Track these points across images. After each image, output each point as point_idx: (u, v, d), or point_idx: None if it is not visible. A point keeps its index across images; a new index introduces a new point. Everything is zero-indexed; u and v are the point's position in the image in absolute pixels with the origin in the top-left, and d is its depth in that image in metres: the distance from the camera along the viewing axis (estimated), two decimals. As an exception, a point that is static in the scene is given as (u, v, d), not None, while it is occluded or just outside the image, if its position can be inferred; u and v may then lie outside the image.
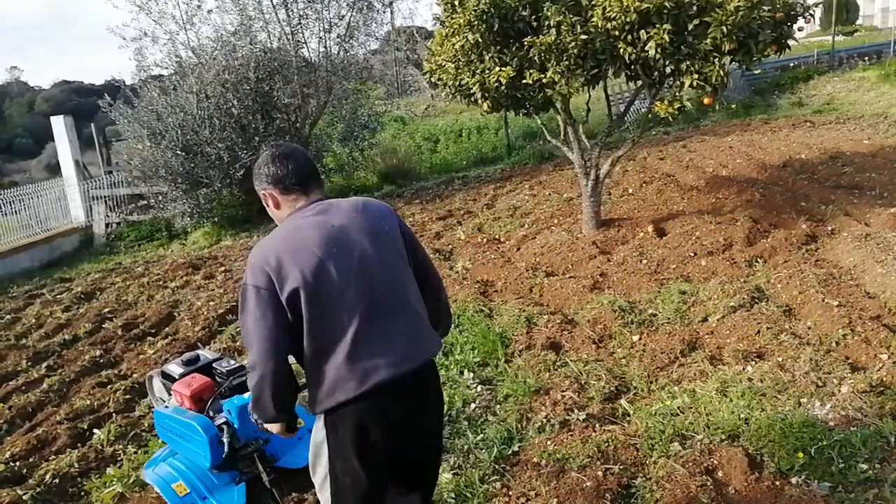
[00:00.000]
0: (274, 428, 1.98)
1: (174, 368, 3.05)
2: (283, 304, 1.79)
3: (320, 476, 1.95)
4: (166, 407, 2.94)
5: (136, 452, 3.68)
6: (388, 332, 1.86)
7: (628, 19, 4.81)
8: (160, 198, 10.88)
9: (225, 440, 2.59)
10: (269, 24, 11.62)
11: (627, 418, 3.31)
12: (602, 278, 5.35)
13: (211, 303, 6.36)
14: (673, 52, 4.93)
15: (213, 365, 3.05)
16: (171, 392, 2.93)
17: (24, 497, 3.34)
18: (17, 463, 3.76)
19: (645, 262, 5.54)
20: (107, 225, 12.46)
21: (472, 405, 3.62)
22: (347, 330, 1.81)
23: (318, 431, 1.91)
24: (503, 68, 5.35)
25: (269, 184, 1.96)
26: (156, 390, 3.20)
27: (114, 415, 4.24)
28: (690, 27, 4.83)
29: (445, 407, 3.51)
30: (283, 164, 1.94)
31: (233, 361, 3.11)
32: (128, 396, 4.51)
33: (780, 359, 3.61)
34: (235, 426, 2.66)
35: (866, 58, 16.46)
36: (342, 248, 1.85)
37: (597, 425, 3.21)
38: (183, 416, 2.74)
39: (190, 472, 2.84)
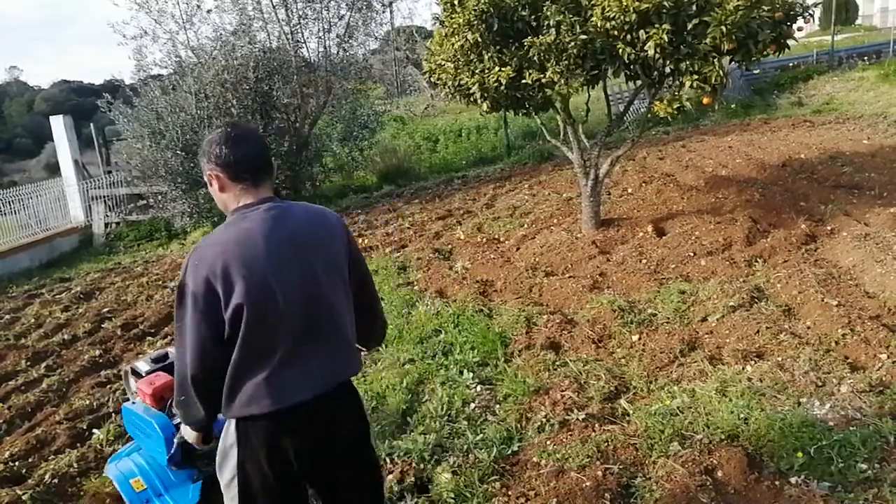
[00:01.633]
0: (190, 435, 1.96)
1: (141, 365, 3.04)
2: (222, 318, 1.71)
3: (226, 478, 1.91)
4: (133, 403, 2.95)
5: None
6: (315, 356, 1.82)
7: (627, 19, 4.81)
8: (159, 197, 10.87)
9: (176, 440, 2.60)
10: (268, 24, 11.62)
11: (627, 418, 3.31)
12: (601, 278, 5.35)
13: (210, 303, 6.35)
14: (672, 51, 4.93)
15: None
16: (136, 389, 2.95)
17: (24, 497, 3.34)
18: (17, 463, 3.76)
19: (644, 261, 5.54)
20: (106, 225, 12.45)
21: (472, 405, 3.62)
22: (277, 349, 1.76)
23: (229, 436, 1.87)
24: (503, 68, 5.35)
25: (217, 165, 1.81)
26: (131, 385, 3.22)
27: (113, 415, 4.23)
28: (689, 27, 4.83)
29: (445, 407, 3.54)
30: (236, 147, 1.80)
31: None
32: (127, 396, 4.51)
33: (779, 358, 3.61)
34: None
35: (866, 58, 16.47)
36: (291, 266, 1.77)
37: (596, 425, 3.21)
38: (145, 414, 2.75)
39: (149, 469, 2.86)
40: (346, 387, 1.96)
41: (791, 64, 16.88)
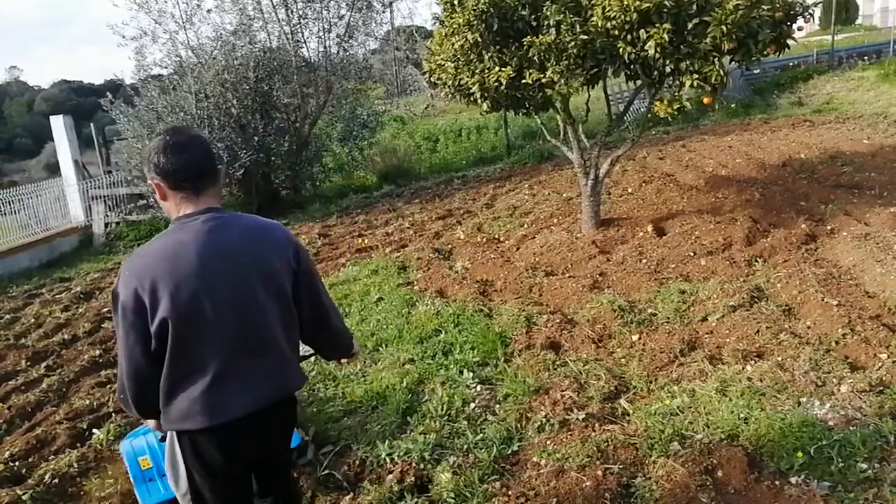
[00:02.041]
0: (150, 422, 1.98)
1: None
2: (149, 331, 1.70)
3: (181, 491, 1.94)
4: None
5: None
6: (249, 372, 1.80)
7: (628, 19, 4.81)
8: (160, 197, 10.86)
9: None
10: (268, 24, 11.63)
11: (627, 418, 3.31)
12: (601, 278, 5.35)
13: (210, 302, 6.36)
14: (672, 51, 4.93)
15: None
16: None
17: (24, 497, 3.34)
18: (17, 463, 3.76)
19: (644, 261, 5.54)
20: (106, 224, 12.45)
21: (472, 405, 3.62)
22: (209, 364, 1.74)
23: (172, 443, 1.89)
24: (503, 68, 5.35)
25: (157, 174, 1.77)
26: None
27: (113, 415, 4.23)
28: (690, 26, 4.83)
29: (445, 407, 3.54)
30: (174, 156, 1.74)
31: None
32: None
33: (779, 358, 3.60)
34: None
35: (866, 57, 16.47)
36: (223, 281, 1.74)
37: (596, 425, 3.21)
38: None
39: (158, 450, 2.92)
40: (288, 402, 1.99)
41: (791, 64, 16.88)
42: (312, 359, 2.47)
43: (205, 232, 1.75)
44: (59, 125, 12.63)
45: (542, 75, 5.23)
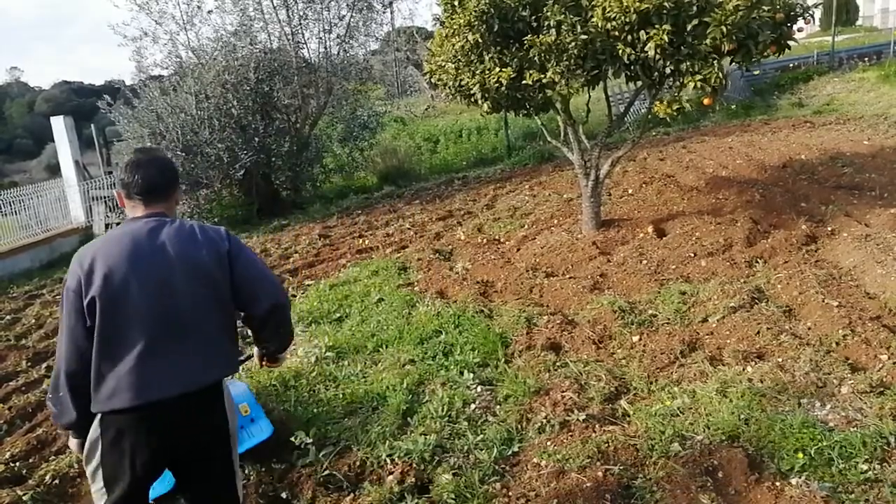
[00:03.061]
0: (71, 442, 2.10)
1: None
2: (84, 309, 1.90)
3: (91, 468, 2.03)
4: None
5: None
6: (174, 354, 1.95)
7: (628, 20, 4.81)
8: (160, 198, 10.87)
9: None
10: (269, 25, 11.64)
11: (627, 419, 3.31)
12: (602, 279, 5.35)
13: (211, 303, 6.35)
14: (672, 52, 4.93)
15: None
16: None
17: (24, 497, 3.34)
18: (17, 463, 3.76)
19: (645, 262, 5.54)
20: (107, 226, 12.45)
21: (472, 406, 3.62)
22: (134, 347, 1.91)
23: (94, 430, 2.00)
24: (503, 69, 5.36)
25: (119, 185, 2.13)
26: None
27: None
28: (690, 28, 4.83)
29: (446, 408, 3.54)
30: (132, 173, 2.07)
31: None
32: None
33: (780, 359, 3.60)
34: None
35: (866, 58, 16.47)
36: (150, 267, 1.96)
37: (597, 426, 3.21)
38: None
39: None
40: (212, 388, 2.05)
41: (791, 65, 16.89)
42: (253, 363, 2.58)
43: (145, 230, 2.03)
44: (59, 126, 12.64)
45: (542, 76, 5.23)
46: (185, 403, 1.95)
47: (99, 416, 1.96)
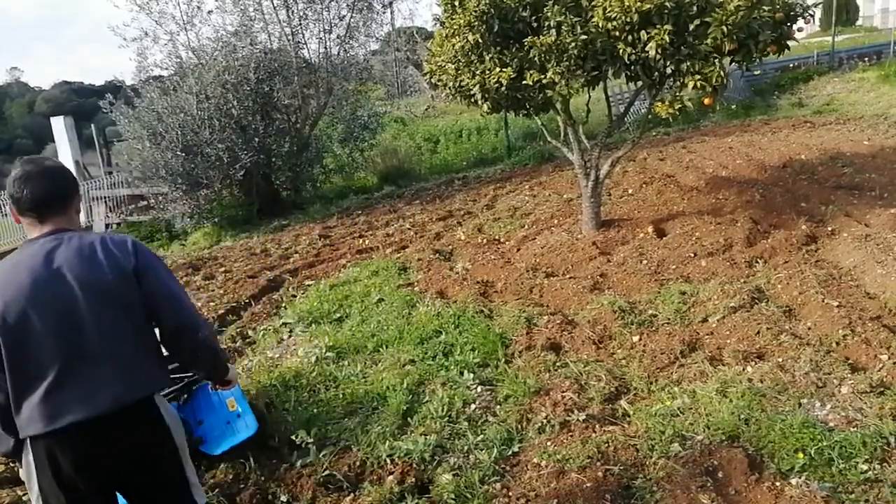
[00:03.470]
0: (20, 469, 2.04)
1: None
2: None
3: (33, 496, 1.99)
4: None
5: None
6: (86, 379, 1.88)
7: (629, 20, 4.81)
8: (160, 198, 10.89)
9: None
10: (269, 25, 11.65)
11: (627, 419, 3.31)
12: (602, 279, 5.35)
13: (211, 303, 6.36)
14: (673, 52, 4.93)
15: None
16: None
17: (24, 497, 3.34)
18: (17, 463, 3.75)
19: (645, 262, 5.54)
20: (107, 226, 12.46)
21: (472, 406, 3.62)
22: (44, 378, 1.85)
23: (27, 453, 1.96)
24: (503, 69, 5.35)
25: (10, 200, 1.96)
26: None
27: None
28: (691, 28, 4.83)
29: (446, 408, 3.54)
30: (21, 187, 1.91)
31: None
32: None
33: (780, 359, 3.60)
34: None
35: (866, 58, 16.47)
36: (50, 298, 1.86)
37: (597, 426, 3.21)
38: None
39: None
40: (135, 408, 1.97)
41: (791, 65, 16.89)
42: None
43: (41, 256, 1.90)
44: (59, 126, 12.67)
45: (542, 76, 5.23)
46: (103, 425, 1.89)
47: (27, 441, 1.93)
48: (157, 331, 2.04)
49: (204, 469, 3.24)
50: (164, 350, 2.09)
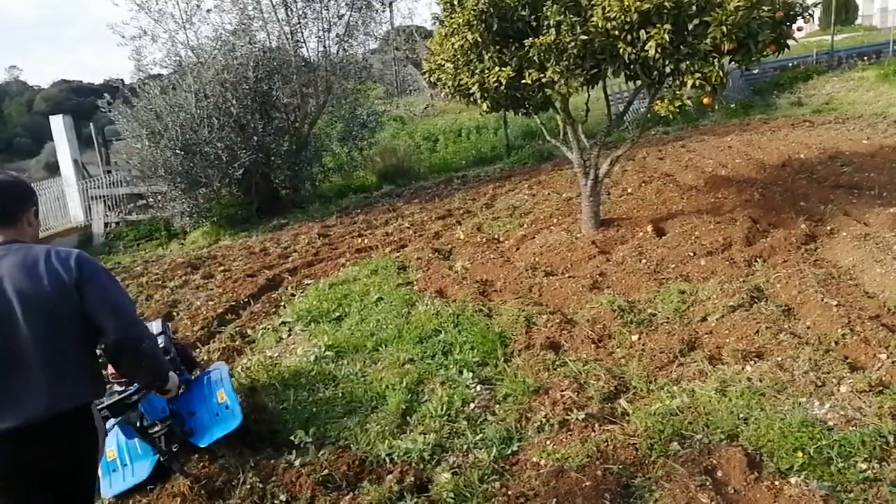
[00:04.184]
0: None
1: None
2: None
3: None
4: None
5: None
6: (21, 385, 1.91)
7: (628, 19, 4.81)
8: (159, 197, 10.89)
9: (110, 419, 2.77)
10: (268, 24, 11.64)
11: (627, 418, 3.31)
12: (601, 278, 5.35)
13: (210, 302, 6.36)
14: (672, 51, 4.93)
15: None
16: None
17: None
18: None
19: (644, 261, 5.54)
20: (106, 224, 12.45)
21: (472, 405, 3.62)
22: None
23: None
24: (502, 68, 5.35)
25: None
26: None
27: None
28: (690, 27, 4.83)
29: (445, 407, 3.54)
30: None
31: (165, 336, 3.46)
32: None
33: (779, 358, 3.60)
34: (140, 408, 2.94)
35: (865, 58, 16.47)
36: None
37: (596, 425, 3.21)
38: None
39: (123, 441, 3.20)
40: (61, 419, 2.00)
41: (791, 64, 16.89)
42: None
43: None
44: (58, 125, 12.64)
45: (541, 75, 5.23)
46: (35, 432, 1.93)
47: None
48: (101, 341, 2.07)
49: (207, 461, 3.25)
50: (107, 359, 2.14)
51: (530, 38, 5.14)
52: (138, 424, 2.95)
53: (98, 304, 2.01)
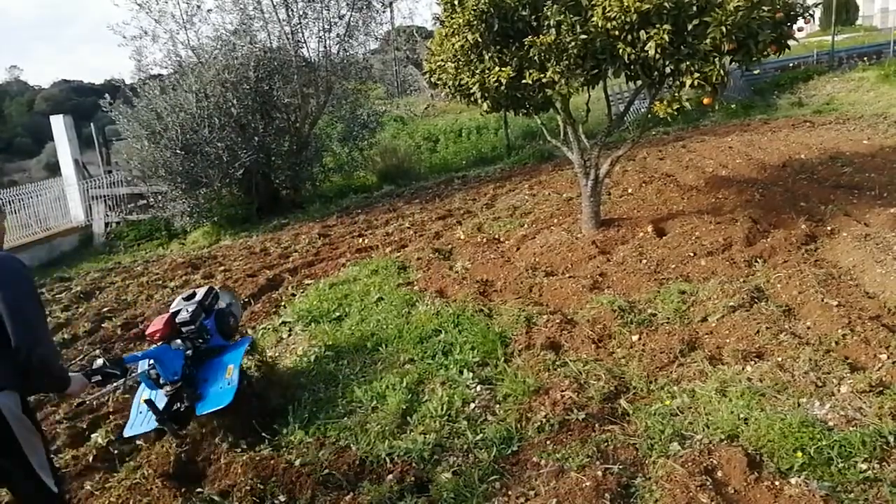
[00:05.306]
0: None
1: (174, 303, 3.82)
2: None
3: None
4: None
5: (131, 452, 3.68)
6: None
7: (628, 19, 4.80)
8: (159, 197, 10.88)
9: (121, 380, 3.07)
10: (268, 24, 11.64)
11: (627, 418, 3.31)
12: (602, 278, 5.35)
13: (210, 302, 6.35)
14: (673, 52, 4.92)
15: (180, 308, 3.71)
16: None
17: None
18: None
19: (644, 261, 5.54)
20: (106, 224, 12.46)
21: (472, 405, 3.62)
22: None
23: None
24: (503, 68, 5.35)
25: None
26: None
27: (112, 415, 4.23)
28: (690, 27, 4.83)
29: (445, 407, 3.54)
30: None
31: (198, 305, 3.73)
32: (127, 396, 4.50)
33: (779, 359, 3.60)
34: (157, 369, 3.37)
35: (866, 58, 16.47)
36: None
37: (596, 425, 3.21)
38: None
39: (149, 392, 3.49)
40: None
41: (791, 64, 16.89)
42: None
43: None
44: (59, 125, 12.65)
45: (542, 75, 5.23)
46: None
47: None
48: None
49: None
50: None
51: (530, 38, 5.14)
52: (159, 381, 3.37)
53: (3, 311, 2.23)
